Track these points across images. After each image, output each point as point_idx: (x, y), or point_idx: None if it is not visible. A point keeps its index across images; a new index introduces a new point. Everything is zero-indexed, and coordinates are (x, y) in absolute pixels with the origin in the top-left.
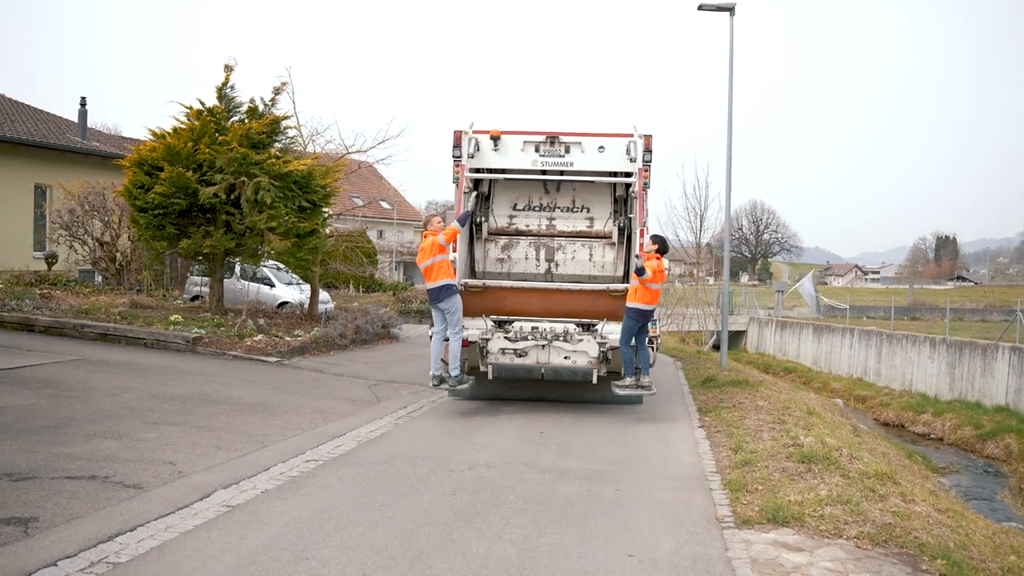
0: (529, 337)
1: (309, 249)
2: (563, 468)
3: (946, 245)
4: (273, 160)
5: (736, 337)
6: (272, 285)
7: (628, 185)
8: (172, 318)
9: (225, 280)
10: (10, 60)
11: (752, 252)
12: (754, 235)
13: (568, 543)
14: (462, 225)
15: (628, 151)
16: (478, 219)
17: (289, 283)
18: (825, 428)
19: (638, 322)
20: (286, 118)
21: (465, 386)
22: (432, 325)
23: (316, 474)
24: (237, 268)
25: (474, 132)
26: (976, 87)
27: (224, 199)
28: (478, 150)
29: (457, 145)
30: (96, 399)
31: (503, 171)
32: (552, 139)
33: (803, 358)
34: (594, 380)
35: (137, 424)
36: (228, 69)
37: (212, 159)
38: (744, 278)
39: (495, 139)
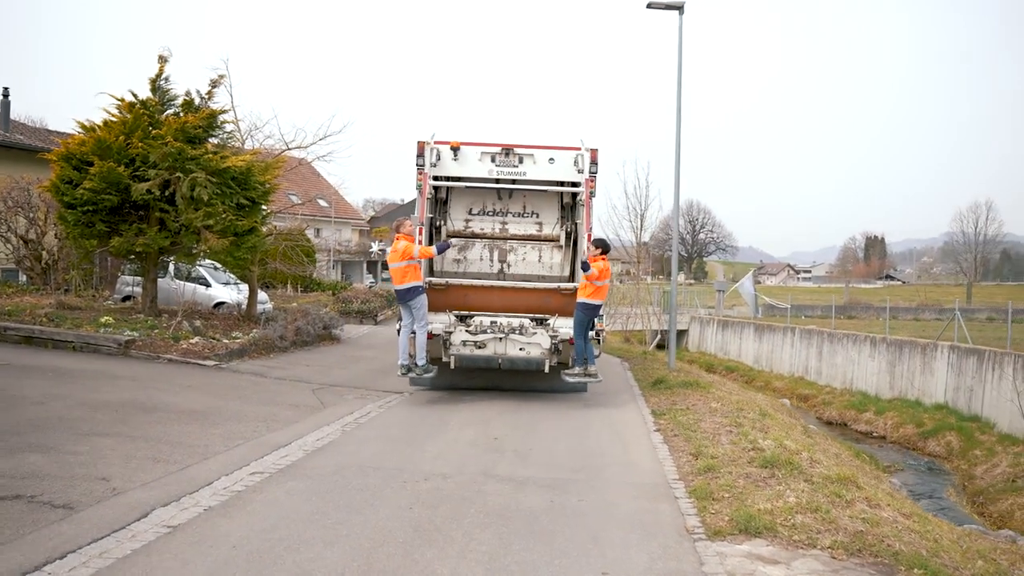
0: (488, 330)
1: (248, 248)
2: (523, 477)
3: (875, 245)
4: (210, 155)
5: (677, 336)
6: (208, 285)
7: (575, 194)
8: (103, 320)
9: (159, 280)
10: None
11: (688, 251)
12: (690, 235)
13: (537, 561)
14: (439, 253)
15: (576, 163)
16: (437, 223)
17: (226, 283)
18: (780, 430)
19: (588, 315)
20: (224, 112)
21: (430, 374)
22: (400, 320)
23: (262, 488)
24: (171, 267)
25: (436, 143)
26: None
27: (158, 195)
28: (439, 159)
29: (420, 155)
30: (21, 408)
31: (462, 179)
32: (507, 151)
33: (744, 357)
34: (546, 369)
35: (67, 436)
36: (162, 60)
37: (145, 154)
38: (680, 277)
39: (455, 150)
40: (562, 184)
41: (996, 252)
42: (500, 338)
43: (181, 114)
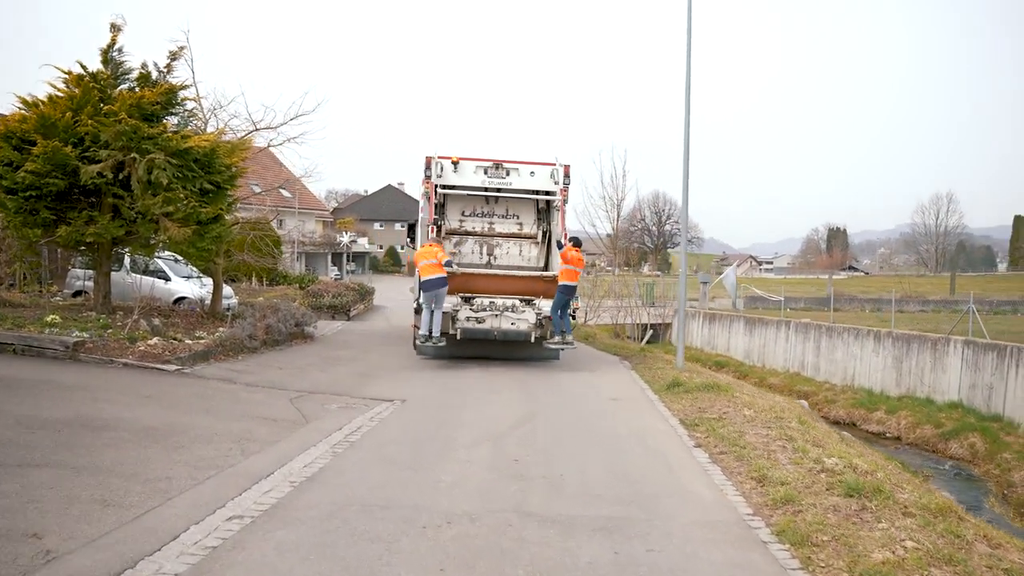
0: (487, 309)
1: (212, 238)
2: (566, 516)
3: (837, 236)
4: (169, 135)
5: (662, 330)
6: (168, 279)
7: (549, 201)
8: (49, 318)
9: (113, 273)
10: None
11: (655, 242)
12: (656, 226)
13: None
14: (446, 267)
15: (552, 176)
16: (439, 223)
17: (187, 276)
18: (835, 443)
19: (566, 296)
20: (184, 87)
21: (441, 344)
22: (417, 301)
23: (244, 542)
24: (127, 260)
25: (440, 157)
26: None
27: (111, 179)
28: (442, 171)
29: (428, 167)
30: None
31: (461, 188)
32: (497, 165)
33: (734, 352)
34: (532, 339)
35: None
36: (115, 29)
37: (96, 132)
38: (645, 268)
39: (455, 164)
40: (539, 193)
41: (954, 243)
42: (496, 315)
43: (136, 89)
